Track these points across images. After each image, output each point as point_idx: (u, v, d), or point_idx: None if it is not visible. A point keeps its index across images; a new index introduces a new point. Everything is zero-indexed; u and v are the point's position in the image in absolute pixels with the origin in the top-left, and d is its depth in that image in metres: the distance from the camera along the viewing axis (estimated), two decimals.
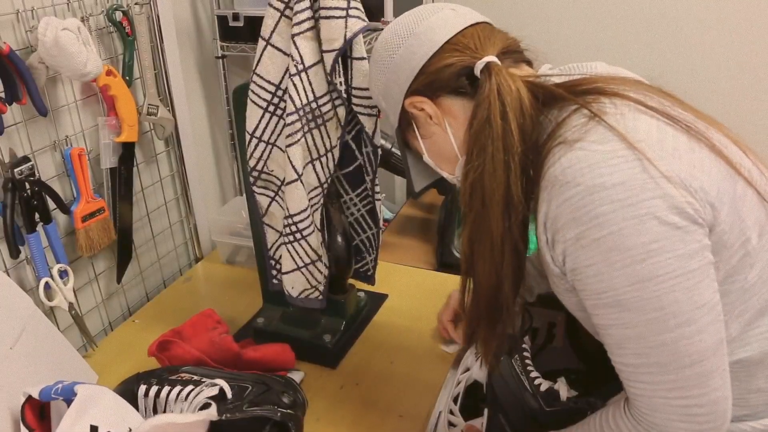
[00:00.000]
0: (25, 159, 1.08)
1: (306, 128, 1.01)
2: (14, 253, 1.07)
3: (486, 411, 0.94)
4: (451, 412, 1.00)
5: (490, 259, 0.74)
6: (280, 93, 1.02)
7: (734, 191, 0.69)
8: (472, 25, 0.78)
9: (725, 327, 0.68)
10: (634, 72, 0.82)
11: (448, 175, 0.86)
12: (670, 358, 0.66)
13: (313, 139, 1.03)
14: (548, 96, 0.74)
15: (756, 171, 0.73)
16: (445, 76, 0.77)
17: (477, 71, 0.75)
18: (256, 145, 1.06)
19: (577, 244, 0.67)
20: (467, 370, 1.04)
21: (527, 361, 0.92)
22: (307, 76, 0.98)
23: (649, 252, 0.63)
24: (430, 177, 0.92)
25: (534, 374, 0.90)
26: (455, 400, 1.01)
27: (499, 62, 0.74)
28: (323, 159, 1.06)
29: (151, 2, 1.28)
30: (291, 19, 0.96)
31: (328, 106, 1.02)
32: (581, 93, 0.72)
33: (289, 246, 1.09)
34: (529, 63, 0.81)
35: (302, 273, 1.11)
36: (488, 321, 0.80)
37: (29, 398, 0.88)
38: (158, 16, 1.29)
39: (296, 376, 1.12)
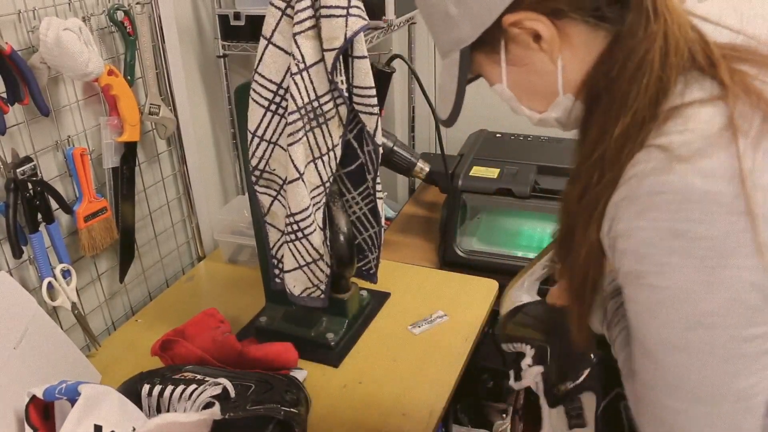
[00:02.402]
0: (28, 159, 1.08)
1: (308, 127, 1.01)
2: (17, 253, 1.07)
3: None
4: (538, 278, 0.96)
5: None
6: (281, 92, 1.02)
7: None
8: None
9: None
10: None
11: (530, 113, 0.69)
12: (669, 429, 0.59)
13: (315, 138, 1.03)
14: (705, 62, 0.56)
15: None
16: None
17: None
18: (258, 144, 1.06)
19: (629, 276, 0.57)
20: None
21: None
22: (309, 75, 0.98)
23: (702, 323, 0.54)
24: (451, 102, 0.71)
25: None
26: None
27: None
28: (325, 158, 1.06)
29: (153, 2, 1.27)
30: (292, 18, 0.96)
31: (330, 105, 1.02)
32: (738, 81, 0.54)
33: (290, 245, 1.09)
34: None
35: (304, 272, 1.11)
36: (581, 298, 0.68)
37: (33, 398, 0.88)
38: (159, 16, 1.29)
39: (299, 375, 1.12)
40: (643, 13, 0.56)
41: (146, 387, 0.97)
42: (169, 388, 0.95)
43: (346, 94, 1.02)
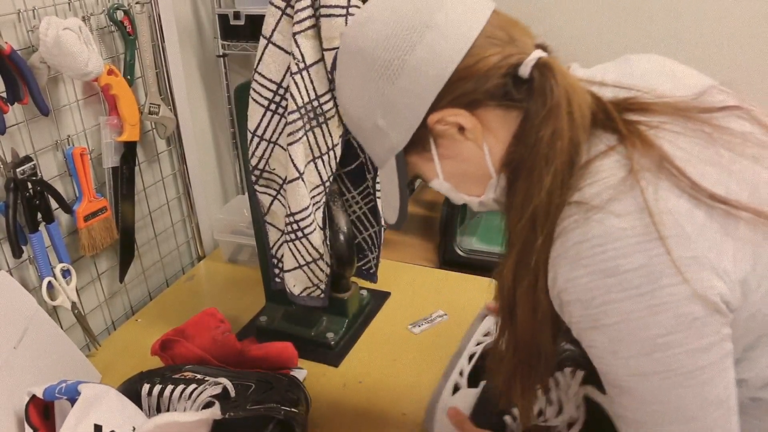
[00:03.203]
0: (27, 159, 1.08)
1: (307, 126, 1.01)
2: (17, 253, 1.07)
3: (483, 384, 0.92)
4: (461, 374, 0.98)
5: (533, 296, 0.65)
6: (281, 91, 1.02)
7: None
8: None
9: (753, 367, 0.63)
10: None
11: (470, 198, 0.74)
12: None
13: (315, 138, 1.03)
14: (603, 117, 0.63)
15: None
16: (492, 80, 0.63)
17: (525, 71, 0.63)
18: (258, 144, 1.06)
19: (580, 324, 0.62)
20: (487, 334, 1.02)
21: None
22: (309, 75, 0.98)
23: (657, 345, 0.58)
24: (397, 205, 0.76)
25: None
26: (469, 359, 0.99)
27: (551, 58, 0.64)
28: (325, 157, 1.06)
29: (152, 1, 1.27)
30: (292, 17, 0.96)
31: (330, 105, 1.02)
32: (633, 130, 0.62)
33: (290, 244, 1.09)
34: None
35: (303, 271, 1.11)
36: (527, 368, 0.70)
37: (33, 398, 0.88)
38: (159, 15, 1.29)
39: (299, 375, 1.12)
40: (547, 90, 0.62)
41: (146, 387, 0.97)
42: (169, 387, 0.95)
43: None
